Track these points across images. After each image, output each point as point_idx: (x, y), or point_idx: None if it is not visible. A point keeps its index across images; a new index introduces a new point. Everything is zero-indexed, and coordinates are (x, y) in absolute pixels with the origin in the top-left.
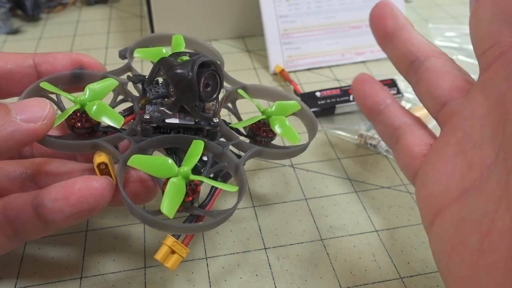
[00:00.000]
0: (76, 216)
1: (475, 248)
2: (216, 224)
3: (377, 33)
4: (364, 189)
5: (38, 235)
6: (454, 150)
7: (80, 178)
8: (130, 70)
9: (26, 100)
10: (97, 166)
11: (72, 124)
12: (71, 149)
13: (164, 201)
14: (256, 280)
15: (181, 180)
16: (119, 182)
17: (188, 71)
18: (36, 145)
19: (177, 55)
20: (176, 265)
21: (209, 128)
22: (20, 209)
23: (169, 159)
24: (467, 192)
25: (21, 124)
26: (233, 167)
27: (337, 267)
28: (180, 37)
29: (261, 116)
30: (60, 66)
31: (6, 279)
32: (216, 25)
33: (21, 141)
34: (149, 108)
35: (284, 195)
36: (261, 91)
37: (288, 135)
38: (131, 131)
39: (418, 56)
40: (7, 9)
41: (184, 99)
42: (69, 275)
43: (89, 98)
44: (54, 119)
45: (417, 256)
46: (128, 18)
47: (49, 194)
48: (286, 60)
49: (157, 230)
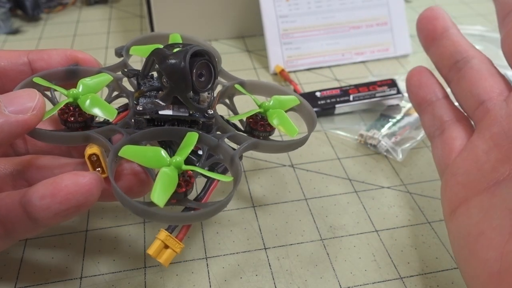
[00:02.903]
0: (65, 213)
1: (506, 232)
2: (210, 213)
3: (425, 31)
4: (364, 189)
5: (28, 234)
6: (488, 144)
7: (67, 175)
8: (126, 67)
9: (15, 92)
10: (88, 158)
11: (65, 119)
12: (62, 141)
13: (155, 190)
14: (256, 280)
15: (173, 169)
16: (110, 174)
17: (180, 60)
18: (31, 142)
19: (171, 46)
20: (169, 260)
21: (204, 120)
22: (9, 207)
23: (161, 150)
24: (499, 183)
25: (10, 115)
26: (228, 159)
27: (337, 267)
28: (177, 35)
29: (258, 110)
30: (55, 62)
31: (6, 279)
32: (216, 25)
33: (11, 133)
34: (143, 100)
35: (284, 195)
36: (258, 86)
37: (286, 127)
38: (125, 124)
39: (465, 56)
40: (7, 9)
41: (177, 90)
42: (69, 275)
43: (82, 92)
44: (44, 109)
45: (417, 256)
46: (128, 18)
47: (37, 192)
48: (286, 60)
49: (148, 220)
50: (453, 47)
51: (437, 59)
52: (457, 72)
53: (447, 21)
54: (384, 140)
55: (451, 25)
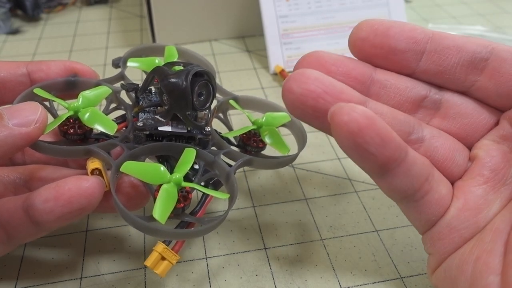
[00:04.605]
0: (67, 216)
1: (499, 253)
2: (207, 230)
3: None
4: (364, 189)
5: (30, 238)
6: (483, 188)
7: (70, 179)
8: (123, 79)
9: (18, 105)
10: (91, 173)
11: (65, 130)
12: (64, 155)
13: (156, 207)
14: (256, 280)
15: (173, 186)
16: (112, 188)
17: (182, 80)
18: (28, 152)
19: (171, 64)
20: (165, 271)
21: (201, 137)
22: (11, 212)
23: (161, 166)
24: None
25: (14, 128)
26: (224, 176)
27: (337, 267)
28: (172, 48)
29: (252, 127)
30: (54, 74)
31: (6, 279)
32: (216, 25)
33: (14, 146)
34: (142, 116)
35: (284, 195)
36: (252, 102)
37: (278, 145)
38: (124, 138)
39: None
40: (7, 9)
41: (178, 108)
42: (69, 275)
43: (82, 105)
44: (46, 122)
45: (417, 256)
46: (128, 18)
47: (40, 195)
48: (286, 60)
49: (148, 235)
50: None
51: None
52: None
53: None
54: None
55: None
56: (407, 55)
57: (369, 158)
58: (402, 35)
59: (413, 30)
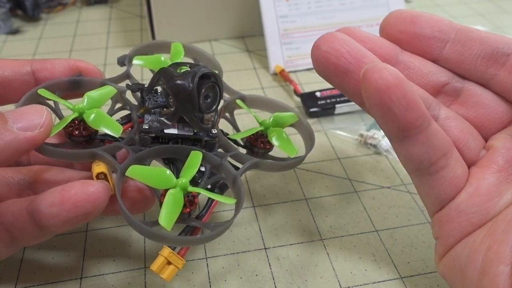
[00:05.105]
0: (73, 221)
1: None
2: (213, 237)
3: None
4: (364, 189)
5: (35, 241)
6: (496, 176)
7: (76, 183)
8: (129, 78)
9: (23, 108)
10: (96, 177)
11: (70, 132)
12: (68, 158)
13: (162, 213)
14: (256, 280)
15: (179, 191)
16: (117, 193)
17: (188, 82)
18: (33, 153)
19: (177, 65)
20: (171, 276)
21: (207, 139)
22: (15, 215)
23: (167, 170)
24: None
25: (18, 133)
26: (230, 179)
27: (337, 267)
28: (179, 44)
29: (259, 128)
30: (58, 72)
31: (6, 279)
32: (216, 25)
33: (19, 150)
34: (148, 117)
35: (284, 195)
36: (259, 101)
37: (286, 147)
38: (129, 140)
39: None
40: (7, 9)
41: (184, 110)
42: (69, 276)
43: (87, 106)
44: (52, 125)
45: (417, 256)
46: (128, 18)
47: (45, 199)
48: (286, 60)
49: (155, 241)
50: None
51: None
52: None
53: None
54: (384, 140)
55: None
56: (431, 42)
57: (391, 118)
58: (428, 23)
59: (439, 20)
